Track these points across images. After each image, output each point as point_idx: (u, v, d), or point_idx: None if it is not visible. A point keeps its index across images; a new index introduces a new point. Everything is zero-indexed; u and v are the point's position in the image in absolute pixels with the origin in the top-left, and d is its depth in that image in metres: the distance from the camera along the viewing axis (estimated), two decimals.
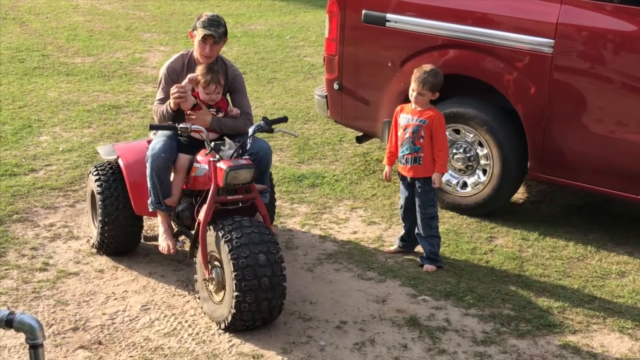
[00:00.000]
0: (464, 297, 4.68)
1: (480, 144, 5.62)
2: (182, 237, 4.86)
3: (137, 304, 4.56)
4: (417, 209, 5.04)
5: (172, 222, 4.79)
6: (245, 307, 4.10)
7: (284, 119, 4.75)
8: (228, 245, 4.11)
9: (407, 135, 4.99)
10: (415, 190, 5.04)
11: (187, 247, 4.71)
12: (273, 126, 4.60)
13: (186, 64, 4.78)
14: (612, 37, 5.14)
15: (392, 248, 5.27)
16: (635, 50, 5.08)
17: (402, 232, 5.24)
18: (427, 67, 4.98)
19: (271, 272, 4.10)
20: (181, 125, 4.44)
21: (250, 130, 4.53)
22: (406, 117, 5.03)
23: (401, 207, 5.18)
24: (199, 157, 4.57)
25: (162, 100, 4.73)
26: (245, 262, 4.07)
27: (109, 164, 5.03)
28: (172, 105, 4.55)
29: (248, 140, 4.47)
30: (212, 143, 4.41)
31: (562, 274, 5.00)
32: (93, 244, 5.11)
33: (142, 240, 5.08)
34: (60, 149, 6.84)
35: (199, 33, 4.64)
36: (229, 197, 4.34)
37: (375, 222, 5.69)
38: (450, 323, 4.41)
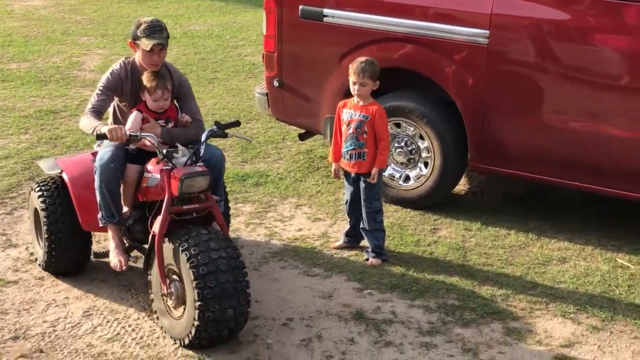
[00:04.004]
0: (409, 289, 4.70)
1: (421, 137, 5.65)
2: (134, 252, 4.64)
3: (78, 310, 4.47)
4: (363, 203, 5.05)
5: (123, 237, 4.57)
6: (210, 317, 3.90)
7: (236, 123, 4.54)
8: (186, 254, 3.93)
9: (351, 130, 4.99)
10: (360, 185, 5.05)
11: (140, 263, 4.51)
12: (226, 130, 4.45)
13: (129, 72, 4.55)
14: (546, 27, 5.21)
15: (337, 244, 5.27)
16: (570, 39, 5.16)
17: (347, 227, 5.24)
18: (362, 58, 4.99)
19: (233, 277, 3.94)
20: (130, 133, 4.25)
21: (204, 136, 4.34)
22: (349, 113, 5.02)
23: (346, 202, 5.18)
24: (149, 166, 4.35)
25: (94, 111, 4.45)
26: (206, 269, 3.88)
27: (52, 179, 4.78)
28: (103, 130, 4.27)
29: (201, 147, 4.32)
30: (165, 150, 4.19)
31: (504, 262, 5.06)
32: (40, 264, 4.87)
33: (92, 258, 4.88)
34: None
35: (146, 44, 4.38)
36: (185, 207, 4.14)
37: (320, 218, 5.68)
38: (396, 315, 4.43)
